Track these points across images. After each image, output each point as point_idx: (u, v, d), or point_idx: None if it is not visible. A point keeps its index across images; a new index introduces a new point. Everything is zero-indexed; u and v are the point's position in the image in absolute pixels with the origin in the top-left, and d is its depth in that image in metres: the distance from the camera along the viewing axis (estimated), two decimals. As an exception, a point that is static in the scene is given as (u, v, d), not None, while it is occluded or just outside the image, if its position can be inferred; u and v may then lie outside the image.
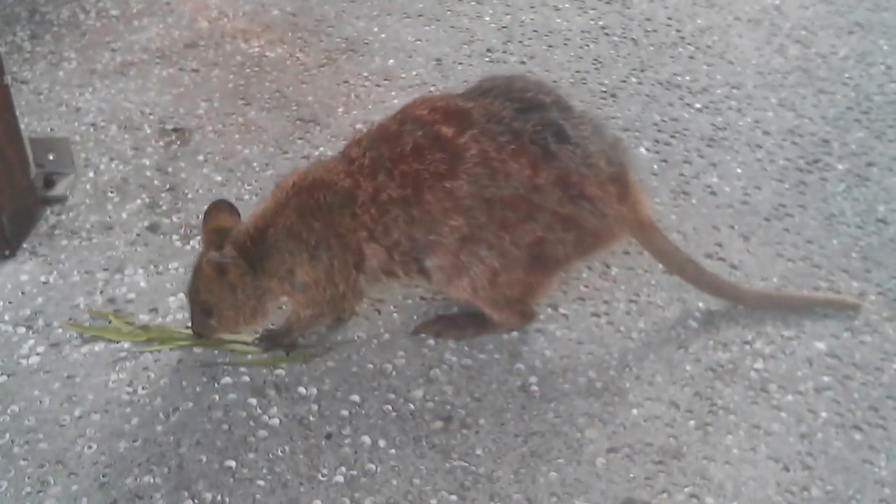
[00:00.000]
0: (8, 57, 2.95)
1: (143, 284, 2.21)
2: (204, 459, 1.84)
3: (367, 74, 2.98)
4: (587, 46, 3.16)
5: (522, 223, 1.85)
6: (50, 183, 2.45)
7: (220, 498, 1.77)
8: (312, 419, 1.92)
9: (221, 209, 1.98)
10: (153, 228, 2.37)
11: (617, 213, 1.91)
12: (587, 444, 1.88)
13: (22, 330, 2.09)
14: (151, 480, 1.80)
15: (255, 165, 2.58)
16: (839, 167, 2.63)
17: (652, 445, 1.88)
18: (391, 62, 3.04)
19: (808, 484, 1.82)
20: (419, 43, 3.14)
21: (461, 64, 3.04)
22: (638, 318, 2.16)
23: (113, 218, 2.39)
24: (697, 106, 2.87)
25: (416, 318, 2.14)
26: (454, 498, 1.78)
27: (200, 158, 2.60)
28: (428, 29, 3.22)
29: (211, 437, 1.88)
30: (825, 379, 2.02)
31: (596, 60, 3.08)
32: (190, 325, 2.00)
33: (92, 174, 2.53)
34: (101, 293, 2.18)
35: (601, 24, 3.28)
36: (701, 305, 2.17)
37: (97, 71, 2.95)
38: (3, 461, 1.82)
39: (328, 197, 1.88)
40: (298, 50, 3.08)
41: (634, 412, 1.95)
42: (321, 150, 2.62)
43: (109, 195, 2.47)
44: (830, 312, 2.16)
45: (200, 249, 1.98)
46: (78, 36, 3.11)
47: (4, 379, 1.98)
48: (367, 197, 1.86)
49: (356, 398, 1.96)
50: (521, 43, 3.16)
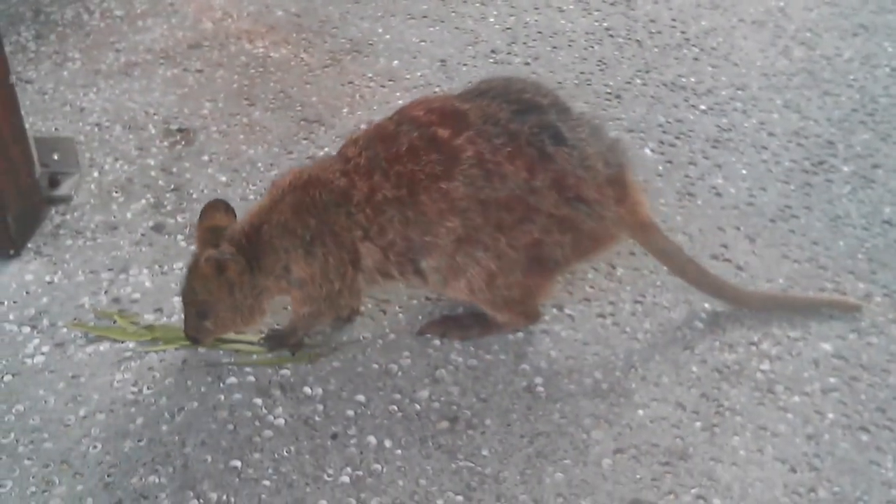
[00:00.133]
0: (13, 57, 2.95)
1: (147, 284, 2.21)
2: (209, 459, 1.83)
3: (371, 75, 2.98)
4: (592, 48, 3.16)
5: (519, 225, 1.84)
6: (55, 183, 2.45)
7: (225, 498, 1.76)
8: (318, 419, 1.91)
9: (218, 209, 1.97)
10: (158, 228, 2.36)
11: (615, 214, 1.90)
12: (593, 444, 1.88)
13: (27, 329, 2.09)
14: (156, 480, 1.79)
15: (259, 166, 2.57)
16: (844, 169, 2.63)
17: (658, 446, 1.88)
18: (395, 63, 3.04)
19: (815, 485, 1.81)
20: (423, 44, 3.14)
21: (465, 65, 3.04)
22: (644, 318, 2.15)
23: (118, 218, 2.39)
24: (702, 107, 2.87)
25: (421, 318, 2.14)
26: (460, 498, 1.77)
27: (205, 159, 2.60)
28: (432, 30, 3.22)
29: (216, 437, 1.87)
30: (832, 380, 2.02)
31: (600, 62, 3.08)
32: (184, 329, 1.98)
33: (97, 174, 2.53)
34: (105, 293, 2.18)
35: (605, 25, 3.28)
36: (707, 307, 2.17)
37: (101, 71, 2.95)
38: (8, 461, 1.82)
39: (323, 195, 1.87)
40: (303, 51, 3.08)
41: (640, 413, 1.94)
42: (326, 150, 2.62)
43: (114, 195, 2.46)
44: (836, 314, 2.16)
45: (195, 249, 1.96)
46: (82, 36, 3.12)
47: (9, 378, 1.98)
48: (362, 196, 1.85)
49: (362, 398, 1.95)
50: (525, 44, 3.16)
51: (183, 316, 1.95)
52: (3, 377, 1.98)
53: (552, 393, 1.98)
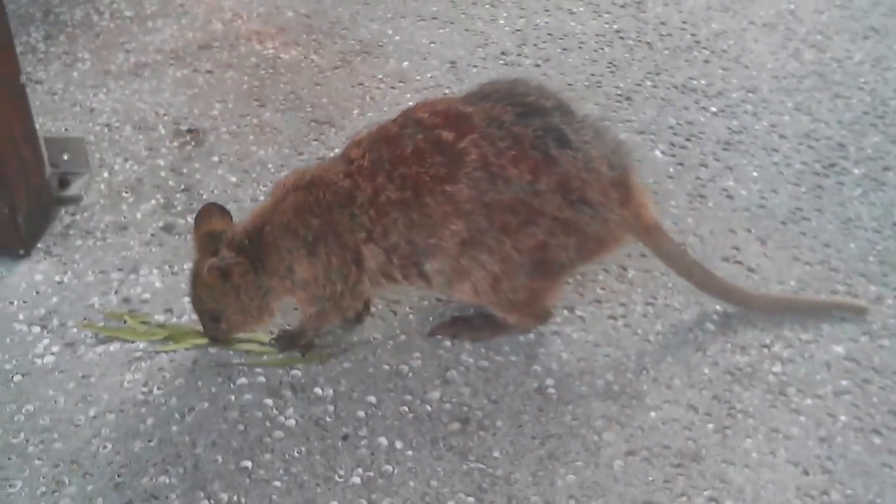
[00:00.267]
0: (23, 57, 2.95)
1: (157, 285, 2.20)
2: (220, 460, 1.83)
3: (381, 76, 2.97)
4: (602, 50, 3.15)
5: (523, 228, 1.84)
6: (65, 183, 2.45)
7: (235, 498, 1.76)
8: (329, 420, 1.91)
9: (213, 213, 1.95)
10: (168, 229, 2.36)
11: (619, 217, 1.89)
12: (605, 446, 1.87)
13: (37, 329, 2.09)
14: (167, 481, 1.79)
15: (269, 167, 2.57)
16: (855, 171, 2.62)
17: (670, 448, 1.87)
18: (406, 64, 3.04)
19: (827, 488, 1.80)
20: (433, 45, 3.14)
21: (476, 67, 3.04)
22: (655, 320, 2.14)
23: (128, 218, 2.39)
24: (713, 110, 2.86)
25: (432, 319, 2.14)
26: (471, 500, 1.77)
27: (215, 159, 2.60)
28: (442, 31, 3.21)
29: (227, 437, 1.87)
30: (844, 383, 2.01)
31: (611, 64, 3.08)
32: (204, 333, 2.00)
33: (106, 174, 2.53)
34: (115, 293, 2.18)
35: (616, 27, 3.27)
36: (718, 309, 2.16)
37: (111, 72, 2.95)
38: (18, 461, 1.82)
39: (326, 195, 1.87)
40: (313, 52, 3.08)
41: (652, 415, 1.93)
42: (336, 151, 2.58)
43: (124, 195, 2.46)
44: (848, 316, 2.15)
45: (195, 257, 1.94)
46: (92, 37, 3.12)
47: (19, 378, 1.98)
48: (365, 198, 1.85)
49: (372, 399, 1.95)
50: (535, 46, 3.15)
51: (197, 318, 1.97)
52: (13, 377, 1.98)
53: (563, 394, 1.97)
